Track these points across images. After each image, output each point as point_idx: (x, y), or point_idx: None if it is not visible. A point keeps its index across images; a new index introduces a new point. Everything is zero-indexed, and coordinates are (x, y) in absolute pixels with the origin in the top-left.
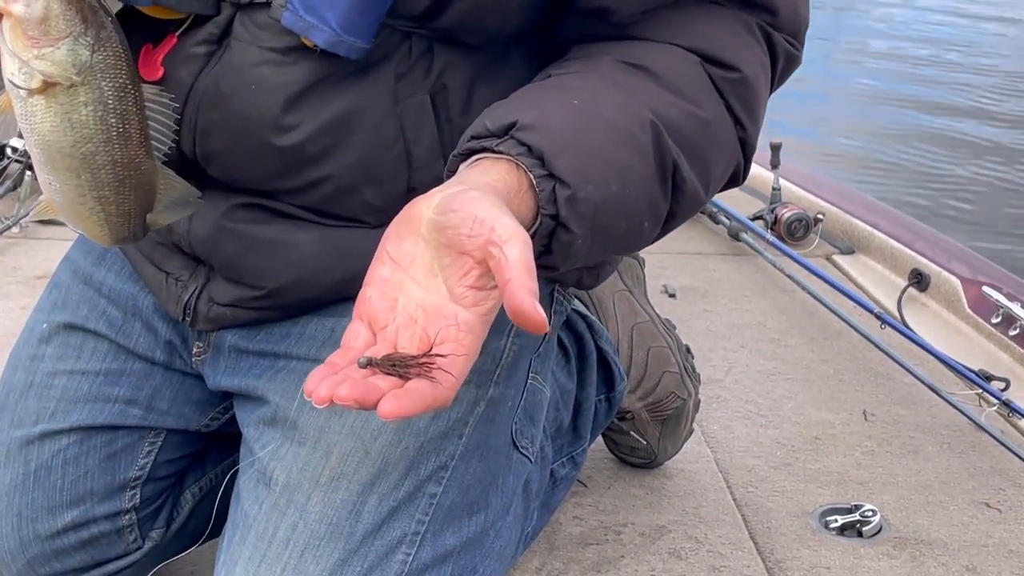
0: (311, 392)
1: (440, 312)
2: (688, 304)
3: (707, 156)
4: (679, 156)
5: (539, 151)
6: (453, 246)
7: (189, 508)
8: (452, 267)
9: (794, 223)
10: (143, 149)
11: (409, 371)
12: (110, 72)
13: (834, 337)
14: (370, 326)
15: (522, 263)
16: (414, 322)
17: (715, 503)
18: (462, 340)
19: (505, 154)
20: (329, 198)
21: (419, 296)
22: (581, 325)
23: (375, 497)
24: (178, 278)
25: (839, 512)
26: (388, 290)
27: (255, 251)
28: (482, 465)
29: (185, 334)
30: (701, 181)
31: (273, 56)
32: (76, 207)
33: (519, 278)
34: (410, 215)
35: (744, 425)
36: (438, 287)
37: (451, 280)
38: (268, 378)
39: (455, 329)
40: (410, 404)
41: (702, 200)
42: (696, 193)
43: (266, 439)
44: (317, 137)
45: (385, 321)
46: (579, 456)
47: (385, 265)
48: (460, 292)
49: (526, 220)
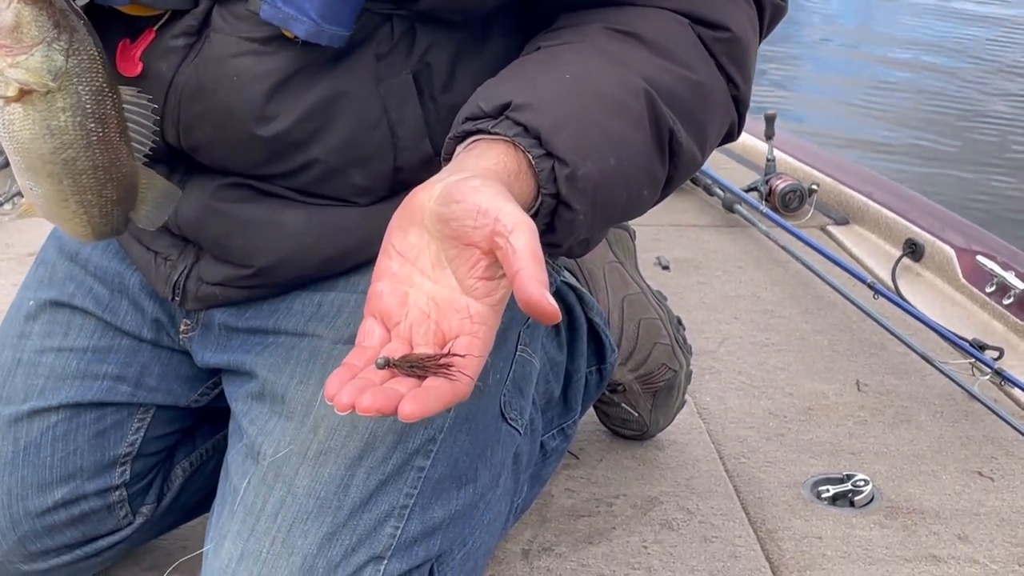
0: (332, 397)
1: (452, 305)
2: (682, 276)
3: (702, 119)
4: (674, 122)
5: (535, 131)
6: (459, 238)
7: (179, 483)
8: (460, 259)
9: (788, 194)
10: (123, 151)
11: (428, 370)
12: (86, 76)
13: (828, 308)
14: (383, 323)
15: (530, 252)
16: (427, 317)
17: (707, 474)
18: (477, 333)
19: (501, 135)
20: (316, 180)
21: (430, 289)
22: (571, 297)
23: (363, 471)
24: (167, 258)
25: (831, 482)
26: (398, 284)
27: (243, 230)
28: (470, 438)
29: (172, 312)
30: (697, 144)
31: (253, 46)
32: (58, 210)
33: (528, 268)
34: (411, 206)
35: (737, 396)
36: (448, 279)
37: (460, 272)
38: (256, 353)
39: (469, 322)
40: (429, 403)
41: (699, 162)
42: (693, 156)
43: (254, 414)
44: (301, 124)
45: (398, 317)
46: (570, 428)
47: (392, 259)
48: (470, 284)
49: (527, 200)
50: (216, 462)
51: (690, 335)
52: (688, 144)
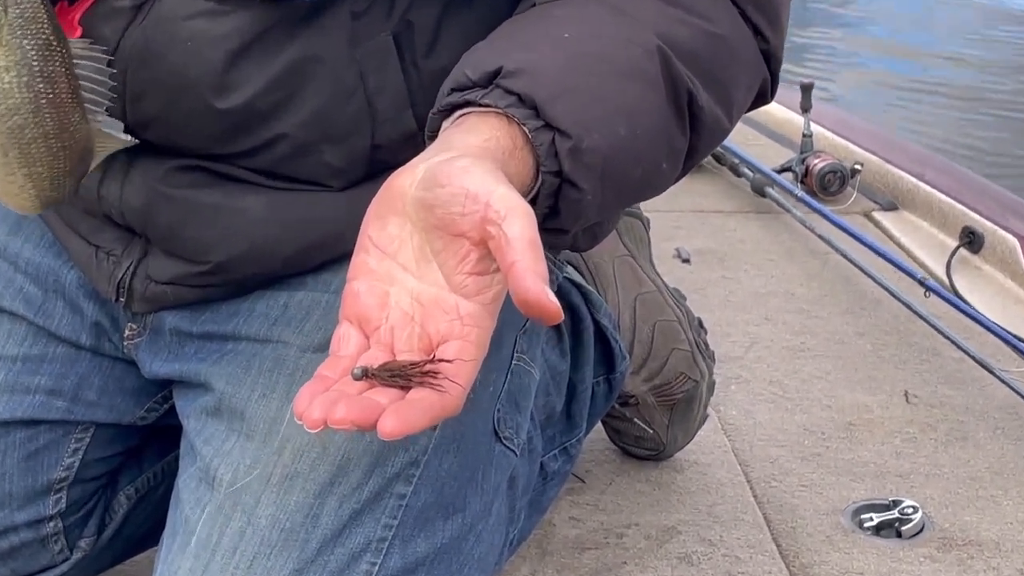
0: (301, 413)
1: (439, 305)
2: (704, 270)
3: (726, 78)
4: (694, 83)
5: (531, 99)
6: (445, 227)
7: (123, 513)
8: (447, 251)
9: (828, 175)
10: (76, 113)
11: (412, 380)
12: (31, 28)
13: (872, 307)
14: (360, 327)
15: (526, 241)
16: (411, 319)
17: (732, 500)
18: (468, 336)
19: (492, 106)
20: (283, 160)
21: (413, 287)
22: (575, 296)
23: (335, 499)
24: (110, 253)
25: (875, 509)
26: (377, 283)
27: (196, 220)
28: (458, 460)
29: (115, 314)
30: (722, 107)
31: (209, 5)
32: (4, 186)
33: (523, 260)
34: (391, 192)
35: (767, 410)
36: (434, 275)
37: (448, 266)
38: (213, 362)
39: (459, 324)
40: (414, 418)
41: (726, 128)
42: (717, 121)
43: (209, 432)
44: (265, 94)
45: (377, 320)
46: (574, 447)
47: (370, 254)
48: (459, 280)
49: (525, 181)
50: (166, 488)
51: (713, 339)
52: (711, 107)
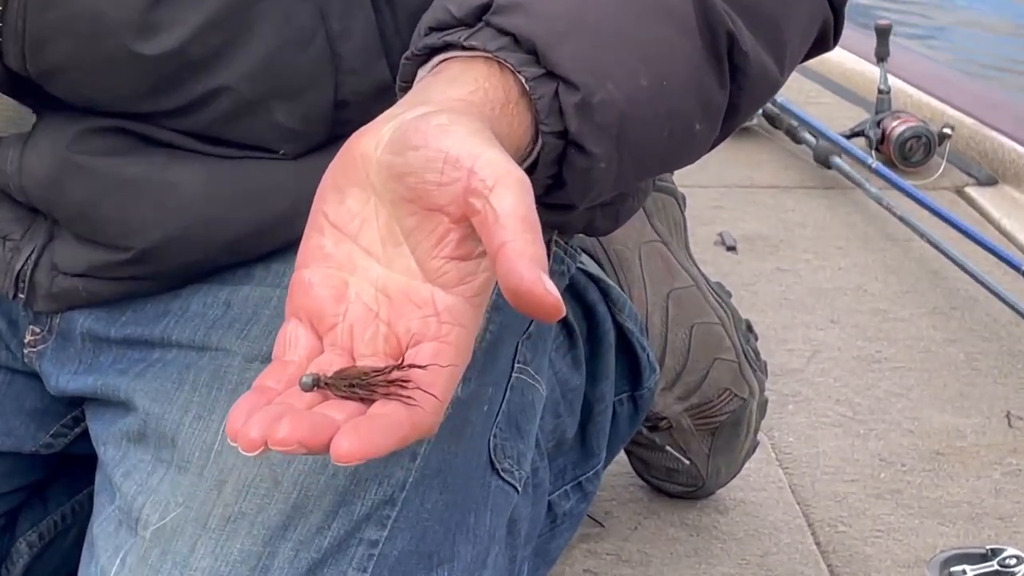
0: (236, 433)
1: (410, 297)
2: (754, 260)
3: (776, 16)
4: (735, 22)
5: (529, 40)
6: (418, 200)
7: (24, 564)
8: (421, 230)
9: (910, 141)
10: None
11: (375, 391)
12: None
13: (966, 306)
14: (312, 326)
15: (518, 218)
16: (375, 316)
17: (790, 549)
18: (447, 336)
19: (480, 50)
20: (223, 120)
21: (378, 276)
22: (592, 292)
23: (289, 546)
24: (6, 237)
25: (969, 560)
26: (333, 271)
27: (116, 196)
28: (444, 497)
29: (13, 315)
30: (772, 53)
31: None
32: None
33: (515, 241)
34: (351, 156)
35: (833, 435)
36: (404, 261)
37: (421, 249)
38: (136, 375)
39: (435, 321)
40: (377, 438)
41: (776, 80)
42: (765, 71)
43: (131, 463)
44: (201, 36)
45: (333, 317)
46: (590, 483)
47: (324, 235)
48: (436, 266)
49: (521, 143)
50: (77, 533)
51: (765, 347)
52: (757, 53)
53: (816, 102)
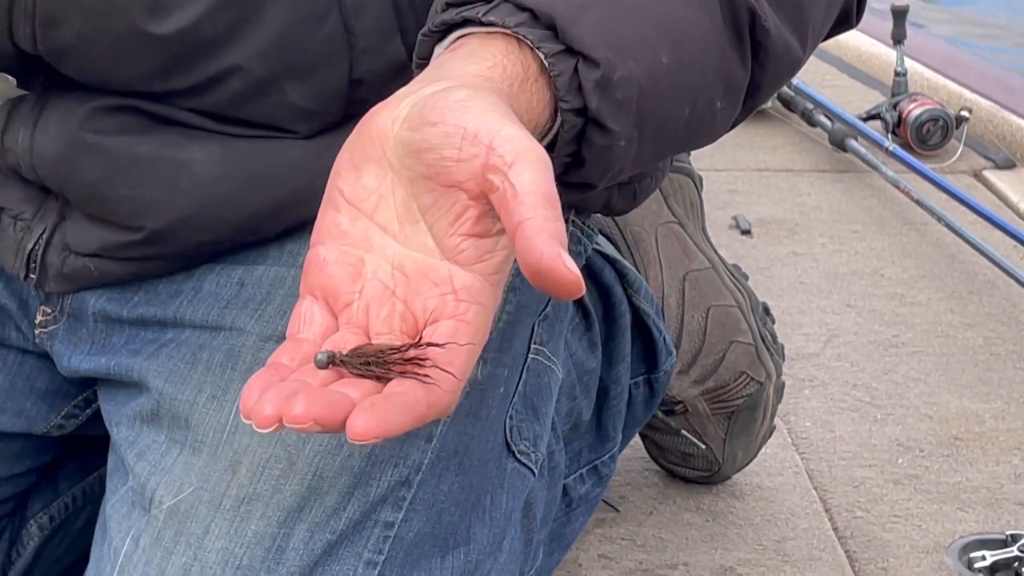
0: (249, 410)
1: (427, 275)
2: (770, 244)
3: None
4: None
5: (548, 16)
6: (436, 176)
7: (35, 546)
8: (438, 207)
9: (927, 124)
10: None
11: (391, 369)
12: None
13: (984, 290)
14: (327, 304)
15: (539, 195)
16: (391, 294)
17: (807, 534)
18: (464, 315)
19: (499, 25)
20: (236, 99)
21: (395, 253)
22: (608, 274)
23: (304, 527)
24: (17, 217)
25: (988, 546)
26: (349, 248)
27: (128, 175)
28: (461, 480)
29: (24, 295)
30: (794, 30)
31: None
32: None
33: (535, 218)
34: (368, 133)
35: (850, 420)
36: (421, 238)
37: (439, 227)
38: (149, 355)
39: (452, 299)
40: (393, 417)
41: (798, 58)
42: (787, 49)
43: (144, 443)
44: (214, 14)
45: (349, 295)
46: (605, 466)
47: (340, 212)
48: (454, 244)
49: (540, 121)
50: (88, 516)
51: (782, 331)
52: (779, 31)
53: (832, 84)
